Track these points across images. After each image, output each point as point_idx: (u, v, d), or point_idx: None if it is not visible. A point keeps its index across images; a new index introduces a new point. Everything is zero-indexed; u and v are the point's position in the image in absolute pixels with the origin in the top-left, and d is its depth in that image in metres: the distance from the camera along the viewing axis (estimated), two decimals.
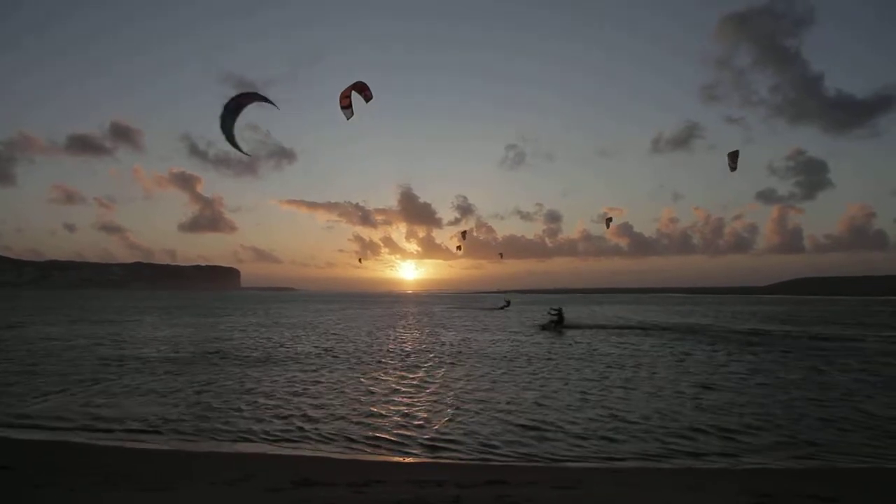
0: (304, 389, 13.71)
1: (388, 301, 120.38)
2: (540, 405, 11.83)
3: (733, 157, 20.36)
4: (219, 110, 12.68)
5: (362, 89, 15.43)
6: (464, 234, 60.08)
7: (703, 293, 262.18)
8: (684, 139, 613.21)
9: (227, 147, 14.38)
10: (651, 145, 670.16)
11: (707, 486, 6.77)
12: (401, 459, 8.42)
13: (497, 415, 10.97)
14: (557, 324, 33.91)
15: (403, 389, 13.75)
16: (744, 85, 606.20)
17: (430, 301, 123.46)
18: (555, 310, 35.34)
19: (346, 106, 15.35)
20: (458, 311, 64.69)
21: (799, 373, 16.56)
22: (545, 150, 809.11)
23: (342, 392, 13.38)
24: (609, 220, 39.21)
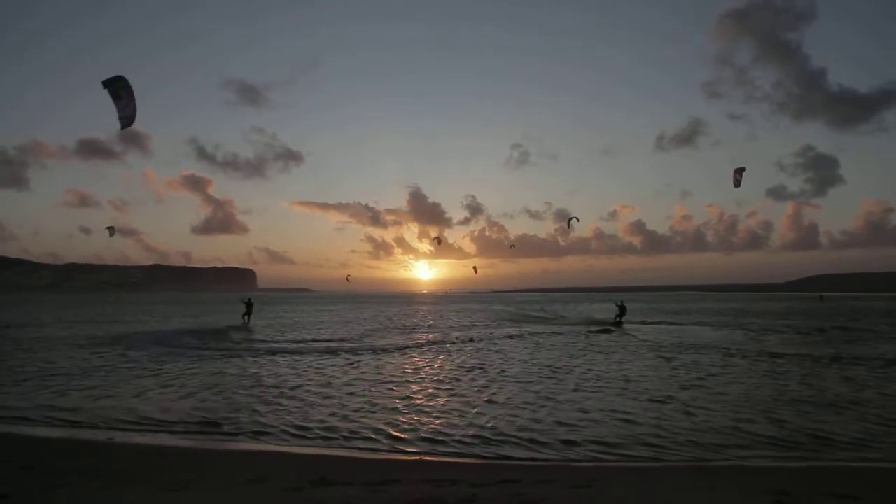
0: (316, 387, 13.75)
1: (404, 301, 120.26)
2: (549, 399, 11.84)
3: (739, 172, 20.98)
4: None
5: None
6: (437, 239, 73.38)
7: (719, 291, 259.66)
8: (688, 136, 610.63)
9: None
10: (655, 143, 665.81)
11: (723, 483, 6.72)
12: (416, 458, 8.46)
13: (507, 412, 11.00)
14: (619, 316, 35.59)
15: (419, 388, 13.79)
16: (746, 81, 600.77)
17: (454, 302, 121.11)
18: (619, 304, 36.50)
19: None
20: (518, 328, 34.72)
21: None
22: (549, 149, 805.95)
23: (355, 389, 13.40)
24: (570, 220, 38.06)
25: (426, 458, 8.47)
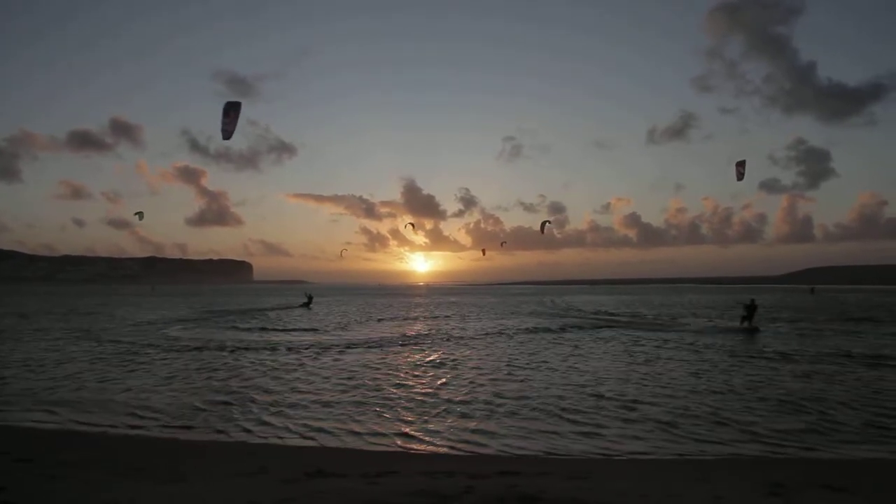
0: (310, 379, 13.78)
1: (397, 294, 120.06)
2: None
3: (741, 165, 21.23)
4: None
5: None
6: (412, 224, 74.00)
7: (714, 283, 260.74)
8: (680, 129, 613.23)
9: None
10: (647, 136, 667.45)
11: (718, 476, 6.77)
12: (413, 450, 8.49)
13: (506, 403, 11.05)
14: (747, 318, 26.97)
15: (416, 380, 13.82)
16: (737, 75, 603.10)
17: (444, 294, 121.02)
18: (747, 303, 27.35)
19: None
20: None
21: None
22: (542, 142, 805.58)
23: (354, 382, 13.40)
24: (544, 224, 37.83)
25: (423, 450, 8.50)
